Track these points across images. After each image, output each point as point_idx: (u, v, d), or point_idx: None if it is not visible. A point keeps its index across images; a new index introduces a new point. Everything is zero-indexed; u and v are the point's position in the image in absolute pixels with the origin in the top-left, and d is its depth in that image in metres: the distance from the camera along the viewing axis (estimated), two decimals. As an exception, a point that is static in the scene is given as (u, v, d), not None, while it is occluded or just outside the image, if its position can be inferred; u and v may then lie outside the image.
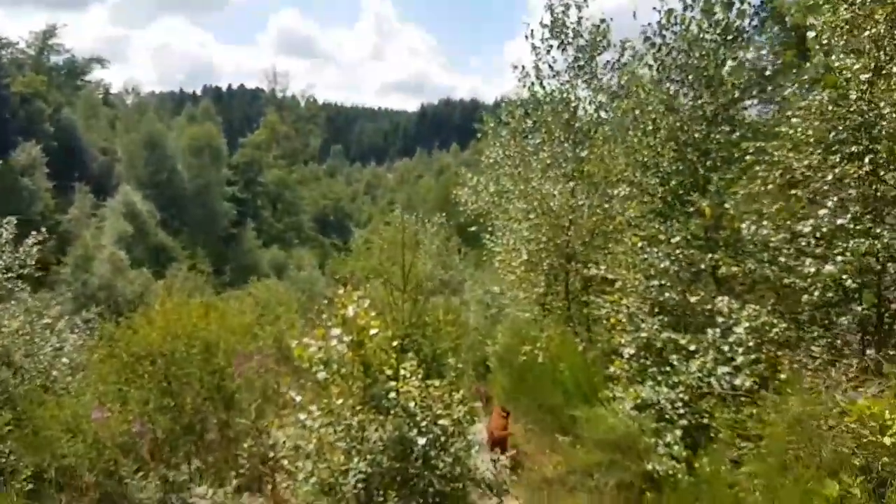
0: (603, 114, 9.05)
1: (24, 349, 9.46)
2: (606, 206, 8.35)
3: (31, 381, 9.13)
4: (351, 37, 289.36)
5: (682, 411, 5.50)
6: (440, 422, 4.40)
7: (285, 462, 4.13)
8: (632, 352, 6.37)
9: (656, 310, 6.75)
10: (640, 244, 6.97)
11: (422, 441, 4.26)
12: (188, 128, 69.27)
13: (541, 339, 8.55)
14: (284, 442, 4.06)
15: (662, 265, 6.65)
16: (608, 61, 9.10)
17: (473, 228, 11.31)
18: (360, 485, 3.96)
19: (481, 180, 10.28)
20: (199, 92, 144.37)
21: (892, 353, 5.03)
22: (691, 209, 7.16)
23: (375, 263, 22.71)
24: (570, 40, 9.16)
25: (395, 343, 5.38)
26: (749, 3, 7.38)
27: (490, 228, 10.71)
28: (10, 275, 10.54)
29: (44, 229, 11.86)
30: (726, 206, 6.84)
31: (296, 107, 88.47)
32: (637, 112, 7.83)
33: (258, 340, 9.33)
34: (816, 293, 5.64)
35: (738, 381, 5.15)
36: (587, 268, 7.89)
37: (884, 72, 5.83)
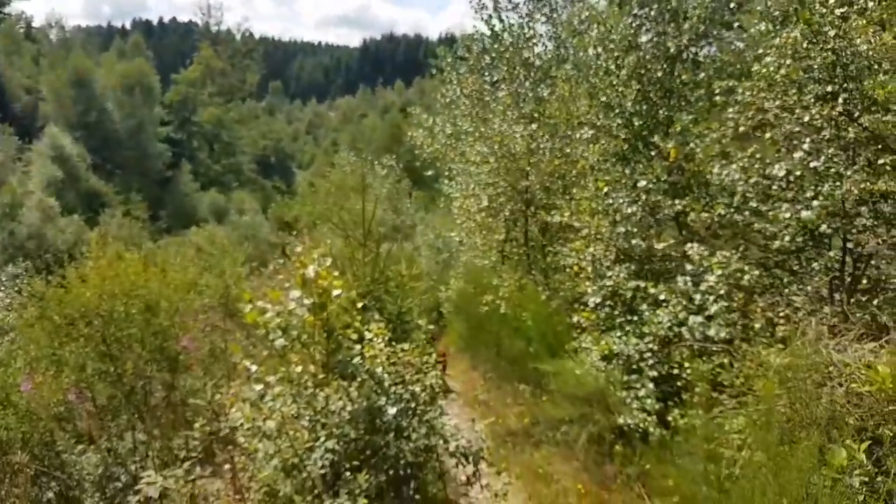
0: (563, 51, 8.60)
1: (-59, 313, 8.68)
2: (568, 149, 8.03)
3: (-48, 348, 8.41)
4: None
5: (651, 362, 5.39)
6: (411, 388, 4.12)
7: (242, 440, 3.77)
8: (597, 301, 6.20)
9: (622, 257, 6.57)
10: (605, 189, 6.72)
11: (392, 410, 3.97)
12: (118, 64, 64.63)
13: (501, 287, 8.34)
14: (242, 423, 3.69)
15: (628, 210, 6.43)
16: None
17: (430, 173, 10.86)
18: (326, 463, 3.66)
19: (437, 121, 9.76)
20: (128, 26, 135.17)
21: (863, 298, 5.00)
22: (654, 152, 6.93)
23: (324, 208, 22.04)
24: (530, -29, 8.61)
25: (358, 304, 5.02)
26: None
27: (447, 172, 10.29)
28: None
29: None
30: (691, 147, 6.63)
31: (231, 41, 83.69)
32: (599, 49, 7.45)
33: (203, 297, 8.78)
34: (787, 238, 5.54)
35: (711, 332, 5.04)
36: (550, 214, 7.63)
37: (857, 6, 5.60)
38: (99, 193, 47.77)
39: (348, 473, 3.75)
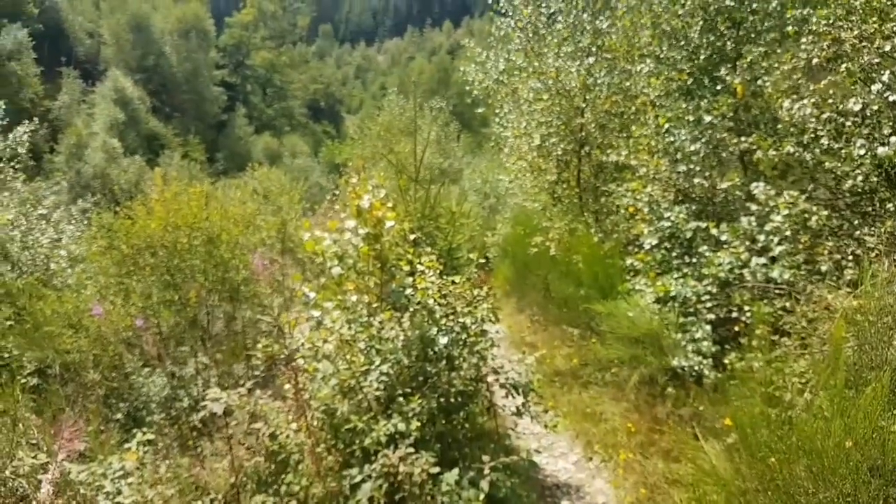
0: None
1: (20, 241, 9.18)
2: (628, 83, 7.72)
3: (29, 275, 8.93)
4: None
5: (709, 305, 5.26)
6: (462, 320, 4.16)
7: (302, 362, 3.91)
8: (654, 243, 6.05)
9: (681, 198, 6.37)
10: (666, 126, 6.46)
11: (443, 340, 4.02)
12: (174, 8, 65.28)
13: (552, 229, 8.24)
14: (303, 343, 3.81)
15: (691, 148, 6.19)
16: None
17: (480, 110, 10.65)
18: (381, 386, 3.76)
19: (490, 56, 9.49)
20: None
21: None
22: (720, 86, 6.59)
23: (373, 151, 22.09)
24: None
25: (410, 237, 5.05)
26: None
27: (497, 111, 10.07)
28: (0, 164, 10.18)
29: (35, 118, 11.30)
30: (759, 82, 6.28)
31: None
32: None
33: (261, 232, 9.01)
34: (860, 178, 5.24)
35: (774, 274, 4.87)
36: (605, 154, 7.41)
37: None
38: (158, 135, 49.10)
39: (401, 398, 3.85)
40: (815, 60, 5.67)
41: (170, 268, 7.36)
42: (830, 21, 5.55)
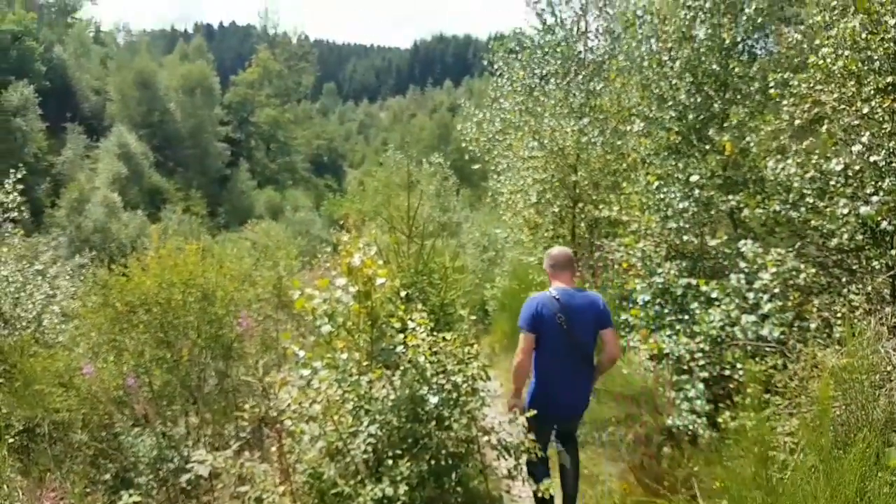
0: (616, 45, 8.48)
1: (12, 298, 9.20)
2: (619, 142, 7.91)
3: (21, 332, 8.91)
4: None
5: (702, 363, 5.24)
6: (453, 378, 4.13)
7: (289, 423, 3.87)
8: (647, 298, 6.07)
9: (672, 253, 6.43)
10: (656, 183, 6.58)
11: (434, 399, 3.99)
12: (180, 66, 67.32)
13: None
14: (289, 405, 3.78)
15: (680, 206, 6.28)
16: (624, -14, 8.51)
17: (477, 167, 10.86)
18: (370, 448, 3.71)
19: (486, 114, 9.77)
20: (190, 30, 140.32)
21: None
22: (709, 146, 6.75)
23: (373, 206, 22.35)
24: (583, -36, 8.54)
25: (402, 293, 5.07)
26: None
27: (494, 168, 10.27)
28: (-6, 218, 10.23)
29: (21, 165, 11.44)
30: (747, 141, 6.44)
31: (288, 44, 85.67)
32: (652, 41, 7.32)
33: (257, 287, 9.03)
34: (846, 236, 5.31)
35: (765, 331, 4.87)
36: (598, 208, 7.52)
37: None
38: (161, 190, 49.76)
39: (390, 461, 3.79)
40: (797, 122, 5.83)
41: (164, 325, 7.34)
42: (811, 84, 5.74)
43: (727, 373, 5.06)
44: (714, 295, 5.47)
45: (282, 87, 79.43)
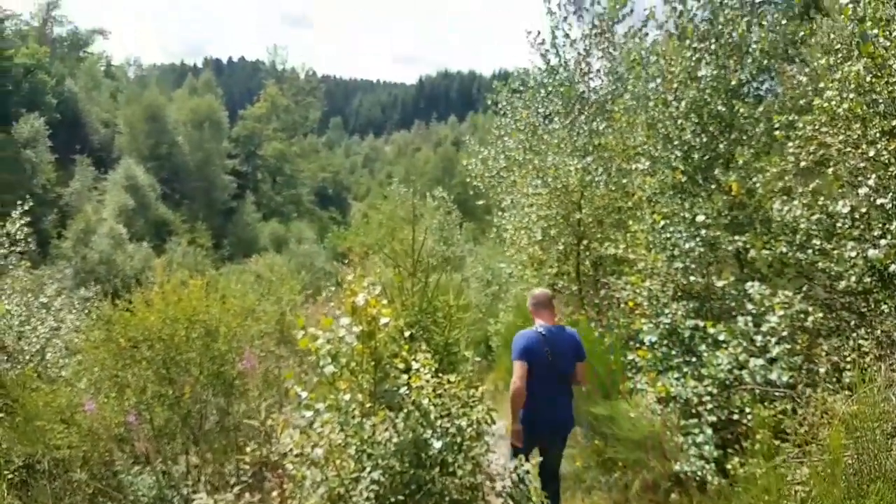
0: (620, 86, 8.58)
1: (16, 331, 9.17)
2: (624, 181, 7.94)
3: (24, 366, 8.85)
4: (352, 9, 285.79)
5: (710, 407, 5.16)
6: (457, 422, 4.07)
7: (290, 467, 3.80)
8: (654, 339, 6.01)
9: (679, 293, 6.38)
10: (662, 222, 6.58)
11: (437, 444, 3.92)
12: (189, 100, 68.36)
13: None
14: (291, 448, 3.72)
15: (686, 246, 6.26)
16: (630, 28, 8.65)
17: (481, 202, 10.91)
18: (372, 495, 3.64)
19: (491, 151, 9.84)
20: (200, 64, 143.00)
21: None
22: (714, 186, 6.77)
23: (376, 239, 22.39)
24: (588, 7, 8.70)
25: (406, 333, 5.03)
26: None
27: (498, 204, 10.31)
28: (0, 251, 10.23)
29: (28, 197, 11.51)
30: (753, 181, 6.45)
31: (296, 79, 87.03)
32: (657, 81, 7.40)
33: (260, 323, 8.98)
34: (853, 279, 5.28)
35: (773, 376, 4.81)
36: (603, 246, 7.51)
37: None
38: (167, 222, 50.03)
39: (393, 506, 3.71)
40: (802, 163, 5.85)
41: (166, 361, 7.29)
42: (816, 126, 5.77)
43: (736, 417, 4.98)
44: (721, 337, 5.41)
45: (289, 121, 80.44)
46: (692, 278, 6.14)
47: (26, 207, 10.48)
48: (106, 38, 78.46)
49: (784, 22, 6.68)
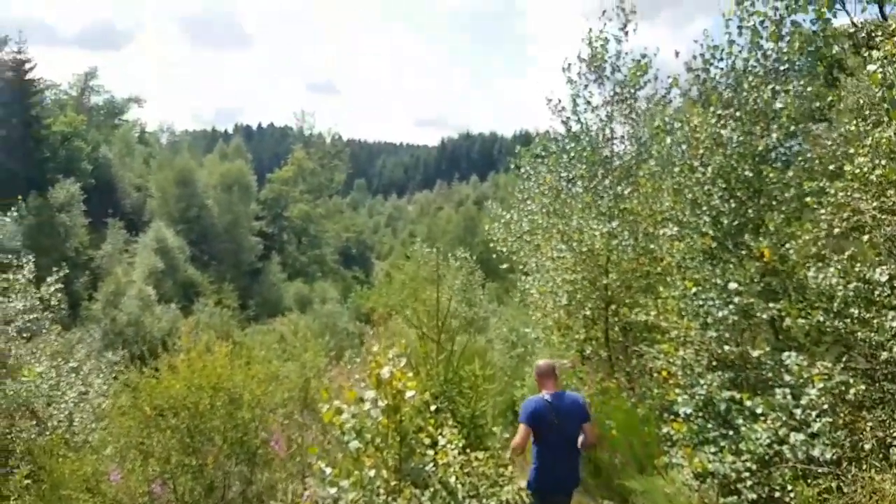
0: (644, 151, 8.63)
1: (46, 398, 9.21)
2: (651, 246, 7.87)
3: (52, 431, 8.86)
4: (376, 75, 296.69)
5: (750, 483, 4.92)
6: (486, 502, 3.93)
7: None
8: (689, 411, 5.81)
9: (714, 363, 6.20)
10: (693, 289, 6.45)
11: (466, 526, 3.78)
12: (220, 165, 70.48)
13: (582, 389, 8.02)
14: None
15: (719, 314, 6.11)
16: (652, 94, 8.76)
17: (505, 266, 10.87)
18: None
19: (514, 215, 9.86)
20: (230, 130, 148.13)
21: None
22: (745, 251, 6.66)
23: (398, 299, 22.37)
24: (609, 75, 8.85)
25: (432, 406, 4.94)
26: (800, 33, 6.96)
27: (521, 267, 10.26)
28: (33, 315, 10.38)
29: (64, 264, 11.77)
30: (786, 248, 6.33)
31: (322, 144, 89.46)
32: (683, 147, 7.42)
33: (283, 390, 8.91)
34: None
35: (815, 451, 4.58)
36: (634, 313, 7.38)
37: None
38: (195, 283, 50.74)
39: None
40: (836, 230, 5.75)
41: (190, 429, 7.24)
42: (848, 192, 5.69)
43: (777, 495, 4.74)
44: (759, 410, 5.21)
45: (315, 183, 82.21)
46: (726, 347, 5.97)
47: (62, 274, 10.73)
48: (141, 106, 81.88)
49: (809, 89, 6.69)
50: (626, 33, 8.97)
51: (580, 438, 5.32)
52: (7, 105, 50.97)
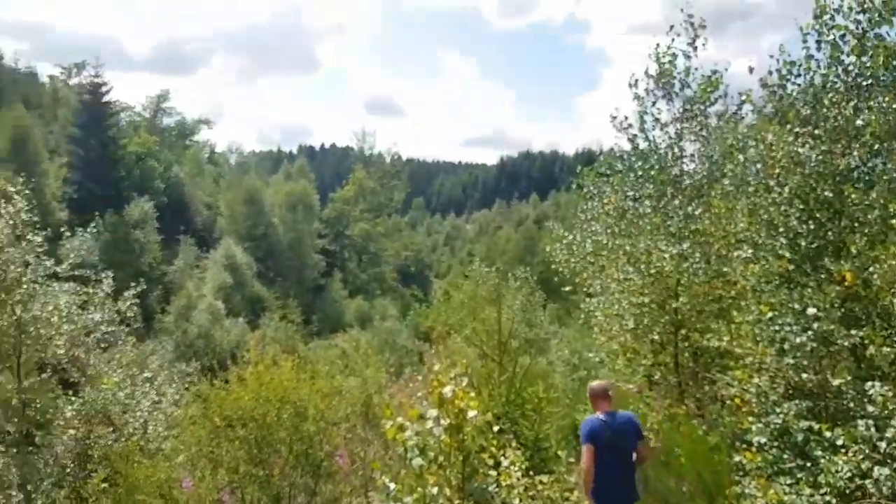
0: (716, 170, 8.37)
1: (122, 406, 9.65)
2: (725, 268, 7.59)
3: (128, 438, 9.27)
4: (433, 94, 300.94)
5: (831, 519, 4.65)
6: (551, 527, 3.86)
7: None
8: (764, 440, 5.55)
9: (791, 391, 5.92)
10: (769, 314, 6.18)
11: (532, 550, 3.71)
12: (284, 185, 72.94)
13: (648, 415, 7.78)
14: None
15: (797, 340, 5.83)
16: (723, 111, 8.51)
17: (568, 289, 10.69)
18: None
19: (577, 236, 9.67)
20: (294, 151, 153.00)
21: None
22: (825, 275, 6.34)
23: (458, 318, 22.33)
24: (678, 91, 8.67)
25: (495, 427, 4.90)
26: (885, 47, 6.62)
27: (585, 289, 10.07)
28: (111, 328, 10.93)
29: (142, 280, 12.38)
30: (869, 272, 6.00)
31: (382, 163, 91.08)
32: (758, 166, 7.16)
33: (346, 405, 9.05)
34: None
35: (905, 489, 4.29)
36: (706, 339, 7.13)
37: None
38: (261, 298, 52.30)
39: None
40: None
41: (258, 440, 7.45)
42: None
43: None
44: (840, 442, 4.93)
45: (375, 202, 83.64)
46: (804, 375, 5.69)
47: (139, 289, 11.29)
48: (210, 127, 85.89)
49: (894, 106, 6.34)
50: (695, 48, 8.78)
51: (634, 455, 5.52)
52: (85, 127, 54.44)
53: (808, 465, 5.17)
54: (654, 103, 8.97)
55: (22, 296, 9.30)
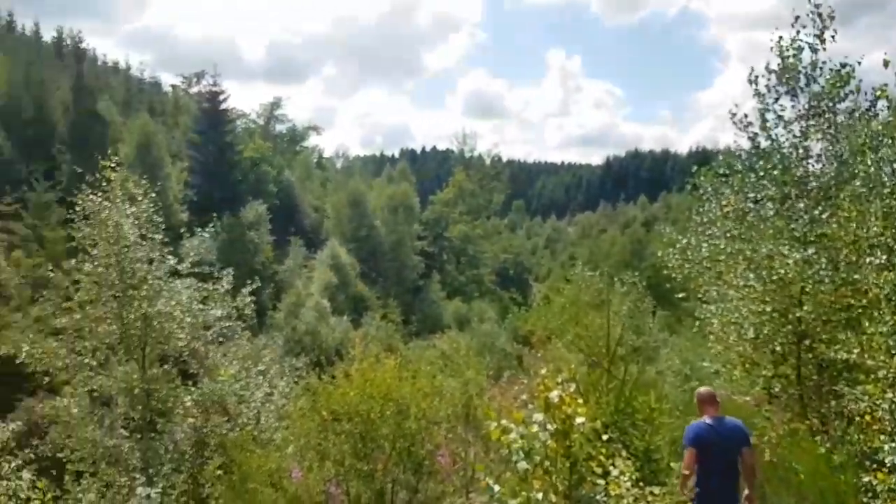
0: (846, 170, 7.70)
1: (237, 397, 10.24)
2: (856, 275, 6.97)
3: (242, 428, 9.82)
4: (536, 94, 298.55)
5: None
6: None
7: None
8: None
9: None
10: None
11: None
12: (386, 188, 75.07)
13: (768, 430, 7.28)
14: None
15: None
16: (854, 108, 7.81)
17: (682, 295, 10.19)
18: None
19: (691, 240, 9.16)
20: (396, 154, 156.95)
21: None
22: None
23: (559, 323, 21.93)
24: (803, 87, 8.05)
25: (603, 435, 4.74)
26: None
27: (700, 295, 9.55)
28: (228, 323, 11.63)
29: (256, 278, 13.07)
30: None
31: (481, 165, 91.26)
32: (894, 165, 6.53)
33: (447, 405, 9.11)
34: None
35: None
36: (833, 350, 6.58)
37: None
38: (364, 298, 54.01)
39: None
40: None
41: (363, 435, 7.65)
42: None
43: None
44: None
45: (474, 204, 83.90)
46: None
47: (254, 287, 11.96)
48: (319, 133, 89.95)
49: None
50: (823, 41, 8.11)
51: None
52: (204, 133, 58.39)
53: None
54: (776, 100, 8.39)
55: (147, 292, 10.08)
